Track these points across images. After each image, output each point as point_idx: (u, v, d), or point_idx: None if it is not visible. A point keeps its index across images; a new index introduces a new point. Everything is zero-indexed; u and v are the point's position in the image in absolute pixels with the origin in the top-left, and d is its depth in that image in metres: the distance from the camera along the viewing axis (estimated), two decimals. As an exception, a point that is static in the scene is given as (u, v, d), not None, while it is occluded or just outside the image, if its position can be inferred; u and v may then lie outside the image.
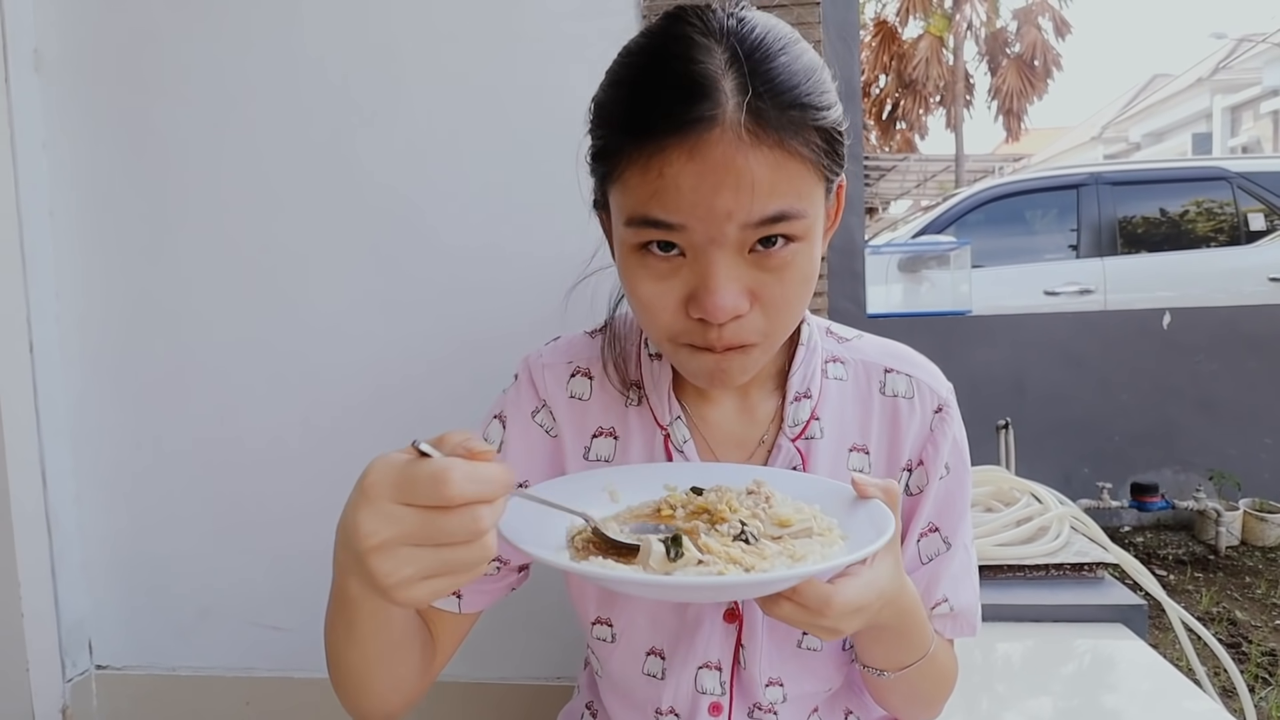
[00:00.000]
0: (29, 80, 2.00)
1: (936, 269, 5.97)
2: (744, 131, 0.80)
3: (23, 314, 1.98)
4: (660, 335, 0.92)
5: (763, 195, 0.81)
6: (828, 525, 0.84)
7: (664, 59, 0.84)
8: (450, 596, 1.07)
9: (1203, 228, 6.20)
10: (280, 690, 2.10)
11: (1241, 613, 3.75)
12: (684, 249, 0.85)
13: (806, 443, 1.05)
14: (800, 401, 1.05)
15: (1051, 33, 23.70)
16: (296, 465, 2.05)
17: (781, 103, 0.81)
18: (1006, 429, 2.87)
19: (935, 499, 1.07)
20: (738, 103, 0.80)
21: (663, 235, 0.85)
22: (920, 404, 1.07)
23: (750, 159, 0.80)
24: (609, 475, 0.95)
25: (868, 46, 23.95)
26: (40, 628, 2.02)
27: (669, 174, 0.81)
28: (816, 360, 1.08)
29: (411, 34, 1.92)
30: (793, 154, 0.82)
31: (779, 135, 0.81)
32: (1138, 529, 4.93)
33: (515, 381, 1.15)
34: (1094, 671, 1.59)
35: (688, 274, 0.86)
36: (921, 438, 1.07)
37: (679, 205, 0.82)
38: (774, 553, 0.78)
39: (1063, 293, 5.87)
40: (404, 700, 0.98)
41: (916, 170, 16.03)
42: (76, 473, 2.11)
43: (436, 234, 1.96)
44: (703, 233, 0.82)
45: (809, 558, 0.77)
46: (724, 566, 0.75)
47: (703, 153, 0.80)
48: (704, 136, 0.79)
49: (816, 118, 0.83)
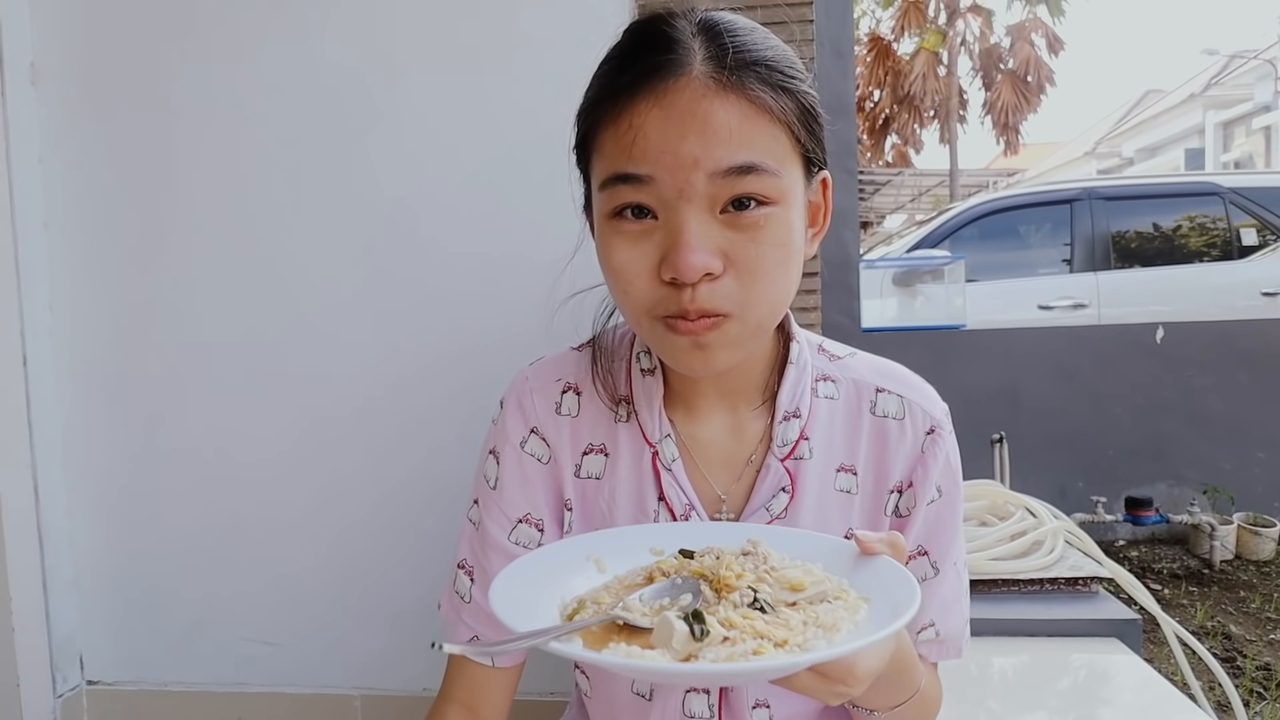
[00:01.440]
0: (25, 93, 2.00)
1: (931, 283, 5.98)
2: (710, 80, 0.83)
3: (16, 327, 1.97)
4: (637, 310, 0.91)
5: (730, 143, 0.83)
6: (839, 587, 0.81)
7: (637, 34, 0.90)
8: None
9: (1195, 243, 6.23)
10: (272, 705, 2.09)
11: (1236, 627, 3.75)
12: (655, 209, 0.87)
13: (795, 463, 1.04)
14: (789, 421, 1.04)
15: (1045, 49, 23.81)
16: (290, 479, 2.05)
17: (746, 59, 0.85)
18: (1001, 443, 2.87)
19: (924, 522, 1.06)
20: (704, 56, 0.84)
21: (634, 193, 0.86)
22: (911, 425, 1.06)
23: (716, 105, 0.83)
24: (591, 543, 0.91)
25: (862, 61, 24.03)
26: (31, 642, 2.00)
27: (637, 124, 0.84)
28: (807, 379, 1.07)
29: (406, 44, 1.92)
30: (762, 109, 0.84)
31: (745, 86, 0.84)
32: (1132, 543, 4.93)
33: (502, 411, 1.13)
34: (1089, 686, 1.58)
35: (660, 236, 0.87)
36: (912, 459, 1.06)
37: (646, 154, 0.84)
38: (798, 622, 0.74)
39: (1056, 307, 5.90)
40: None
41: (911, 185, 16.07)
42: (69, 486, 2.10)
43: (430, 242, 1.96)
44: (671, 184, 0.84)
45: (839, 627, 0.73)
46: (756, 644, 0.70)
47: (670, 99, 0.83)
48: (671, 84, 0.83)
49: (784, 81, 0.87)
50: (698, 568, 0.84)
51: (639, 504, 1.07)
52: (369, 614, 2.05)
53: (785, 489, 1.03)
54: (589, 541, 0.91)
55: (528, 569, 0.83)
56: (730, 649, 0.69)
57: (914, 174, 16.76)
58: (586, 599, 0.80)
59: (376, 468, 2.01)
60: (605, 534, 0.93)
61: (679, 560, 0.86)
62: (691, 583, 0.81)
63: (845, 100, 2.01)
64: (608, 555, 0.89)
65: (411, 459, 2.00)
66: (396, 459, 2.01)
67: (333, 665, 2.08)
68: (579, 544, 0.90)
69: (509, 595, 0.74)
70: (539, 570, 0.81)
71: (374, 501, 2.02)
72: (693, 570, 0.84)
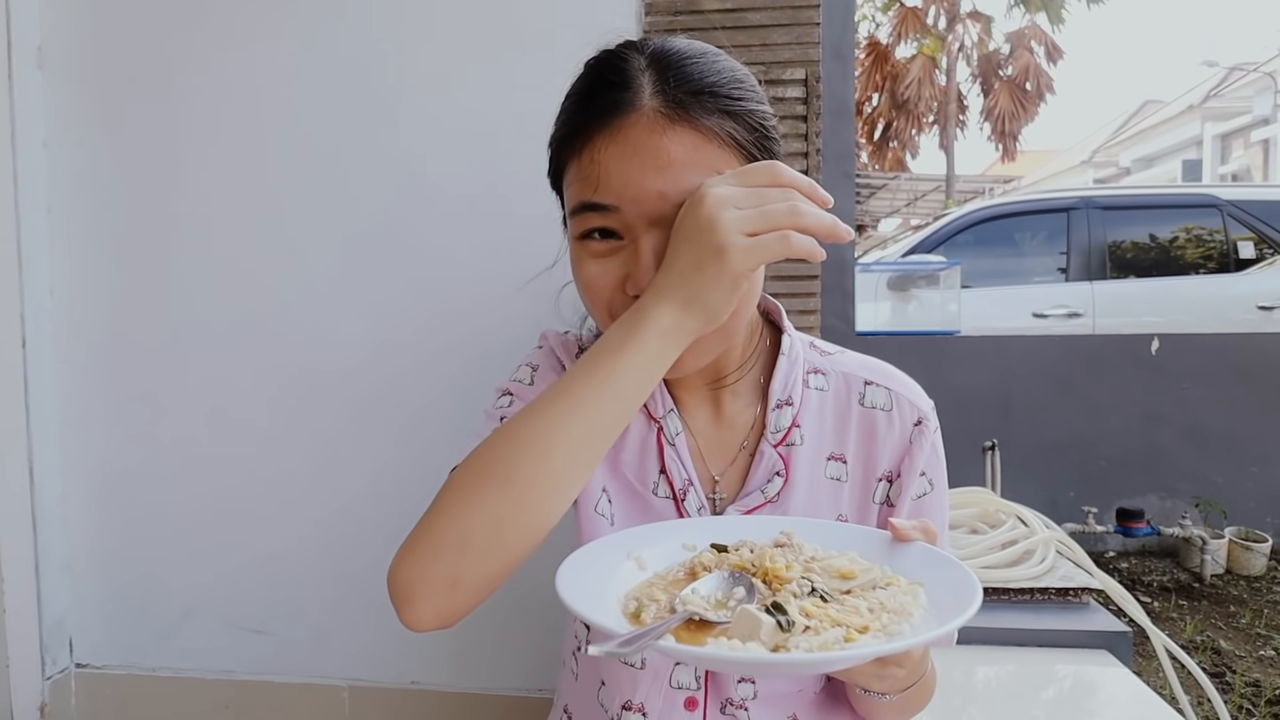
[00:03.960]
0: (32, 78, 2.00)
1: (926, 288, 5.97)
2: (659, 116, 0.90)
3: (16, 310, 1.98)
4: (604, 315, 0.99)
5: (683, 173, 0.89)
6: (885, 574, 0.83)
7: (594, 72, 0.98)
8: None
9: (1192, 254, 6.23)
10: (260, 694, 2.09)
11: (1226, 642, 3.75)
12: (622, 233, 0.94)
13: (788, 449, 1.08)
14: (782, 409, 1.08)
15: (1044, 56, 23.80)
16: (285, 468, 2.05)
17: (692, 89, 0.91)
18: (993, 450, 2.87)
19: (913, 513, 1.09)
20: (653, 92, 0.91)
21: (600, 219, 0.94)
22: (899, 417, 1.10)
23: (667, 138, 0.90)
24: (628, 541, 0.92)
25: (861, 65, 24.01)
26: (22, 624, 2.01)
27: (598, 159, 0.92)
28: (798, 370, 1.11)
29: (410, 41, 1.93)
30: (710, 137, 0.91)
31: (693, 118, 0.91)
32: (1123, 554, 4.94)
33: (540, 348, 1.20)
34: (1077, 698, 1.59)
35: (625, 255, 0.95)
36: (900, 450, 1.10)
37: (609, 186, 0.91)
38: (865, 609, 0.76)
39: (1051, 315, 5.90)
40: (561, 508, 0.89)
41: (907, 189, 16.09)
42: (64, 469, 2.11)
43: (428, 235, 1.97)
44: (635, 213, 0.91)
45: (910, 612, 0.76)
46: (844, 630, 0.72)
47: (624, 134, 0.91)
48: (624, 120, 0.91)
49: (730, 105, 0.93)
50: (737, 561, 0.86)
51: (640, 475, 1.11)
52: (359, 606, 2.05)
53: (779, 473, 1.07)
54: (625, 540, 0.92)
55: (579, 567, 0.84)
56: (819, 638, 0.71)
57: (910, 178, 16.77)
58: (640, 596, 0.82)
59: (369, 459, 2.02)
60: (636, 531, 0.95)
61: (715, 555, 0.88)
62: (742, 577, 0.83)
63: (845, 103, 2.01)
64: (644, 551, 0.91)
65: (403, 451, 2.00)
66: (389, 451, 2.01)
67: (322, 655, 2.08)
68: (617, 543, 0.92)
69: (576, 594, 0.76)
70: (590, 568, 0.83)
71: (366, 494, 2.03)
72: (732, 564, 0.86)
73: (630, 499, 1.12)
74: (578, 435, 0.85)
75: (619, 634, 0.68)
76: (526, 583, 1.12)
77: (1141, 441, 4.78)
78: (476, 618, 1.11)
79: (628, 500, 1.12)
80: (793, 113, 1.83)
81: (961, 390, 4.63)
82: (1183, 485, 4.78)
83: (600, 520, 1.10)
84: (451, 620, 0.88)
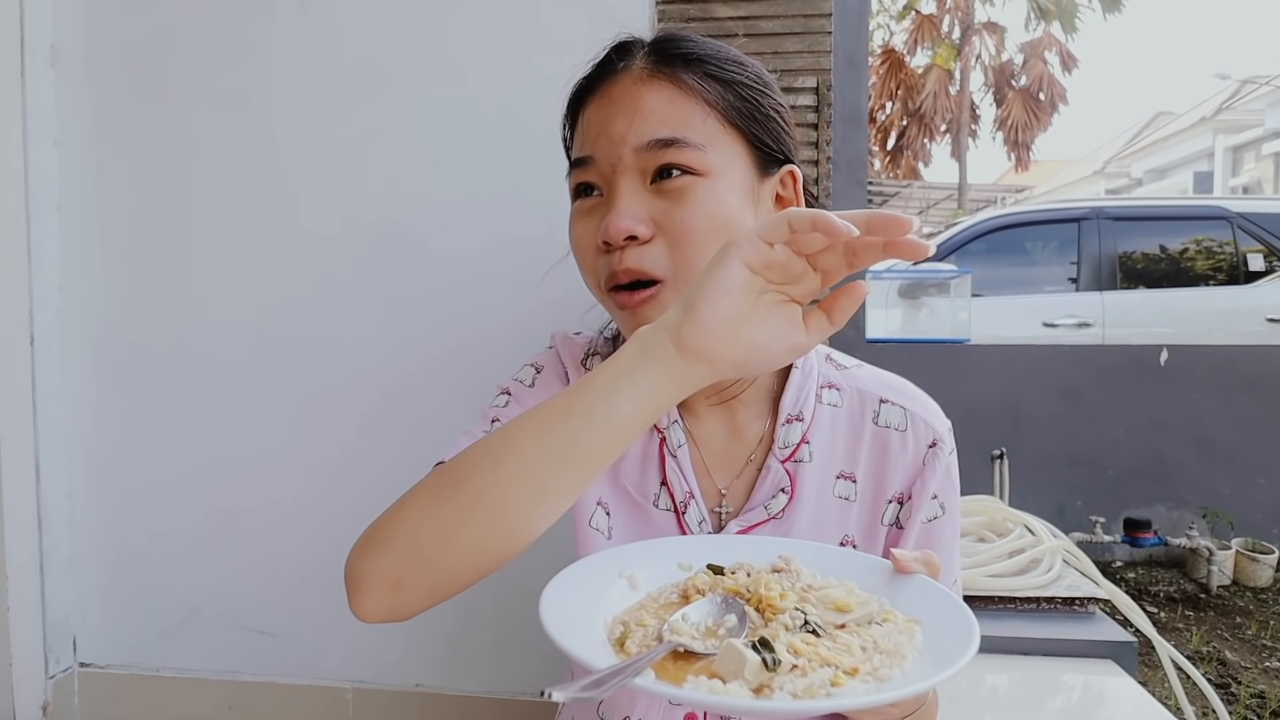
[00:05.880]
0: (44, 75, 2.01)
1: (936, 296, 5.97)
2: (643, 71, 0.96)
3: (25, 307, 1.98)
4: (594, 283, 1.01)
5: (652, 120, 0.93)
6: (883, 608, 0.79)
7: (604, 51, 1.03)
8: None
9: (1202, 266, 6.21)
10: (263, 695, 2.09)
11: (1231, 653, 3.73)
12: (600, 187, 0.98)
13: (795, 465, 1.05)
14: (792, 424, 1.05)
15: (1058, 67, 23.77)
16: (291, 470, 2.05)
17: (681, 53, 0.97)
18: (1001, 459, 2.87)
19: (923, 537, 1.06)
20: (645, 54, 0.98)
21: (583, 174, 0.99)
22: (913, 437, 1.06)
23: (645, 90, 0.95)
24: (621, 558, 0.88)
25: (875, 73, 24.00)
26: (25, 623, 2.01)
27: (586, 116, 0.99)
28: (811, 385, 1.08)
29: (421, 41, 1.93)
30: (689, 92, 0.95)
31: (675, 74, 0.95)
32: (1129, 564, 4.92)
33: (548, 349, 1.20)
34: (1082, 707, 1.58)
35: (604, 209, 0.97)
36: (912, 472, 1.06)
37: (587, 139, 0.98)
38: (858, 647, 0.72)
39: (1061, 325, 5.90)
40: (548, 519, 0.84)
41: (920, 197, 16.06)
42: (70, 468, 2.11)
43: (434, 238, 1.97)
44: (605, 160, 0.96)
45: (904, 654, 0.72)
46: (831, 673, 0.67)
47: (609, 90, 0.97)
48: (612, 79, 0.98)
49: (719, 71, 0.97)
50: (732, 585, 0.82)
51: (641, 486, 1.09)
52: (364, 607, 2.04)
53: (785, 490, 1.04)
54: (617, 557, 0.89)
55: (566, 587, 0.80)
56: (805, 680, 0.67)
57: (923, 187, 16.73)
58: (628, 620, 0.78)
59: (379, 461, 2.02)
60: (632, 548, 0.91)
61: (710, 577, 0.85)
62: (735, 603, 0.79)
63: (858, 111, 2.01)
64: (637, 570, 0.86)
65: (413, 453, 1.99)
66: (398, 453, 2.01)
67: (326, 657, 2.08)
68: (609, 560, 0.88)
69: (558, 618, 0.72)
70: (578, 588, 0.80)
71: (374, 496, 2.02)
72: (726, 588, 0.82)
73: (631, 511, 1.10)
74: (538, 454, 0.79)
75: (597, 670, 0.64)
76: (531, 586, 1.12)
77: (1149, 452, 4.77)
78: (480, 621, 1.11)
79: (628, 512, 1.10)
80: (804, 120, 1.83)
81: (970, 398, 4.62)
82: (1190, 496, 4.76)
83: (595, 535, 1.08)
84: (399, 617, 0.86)
